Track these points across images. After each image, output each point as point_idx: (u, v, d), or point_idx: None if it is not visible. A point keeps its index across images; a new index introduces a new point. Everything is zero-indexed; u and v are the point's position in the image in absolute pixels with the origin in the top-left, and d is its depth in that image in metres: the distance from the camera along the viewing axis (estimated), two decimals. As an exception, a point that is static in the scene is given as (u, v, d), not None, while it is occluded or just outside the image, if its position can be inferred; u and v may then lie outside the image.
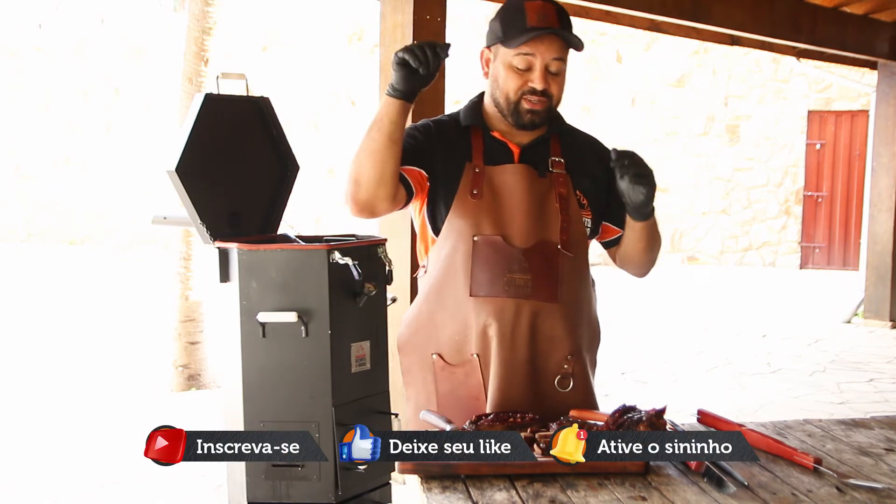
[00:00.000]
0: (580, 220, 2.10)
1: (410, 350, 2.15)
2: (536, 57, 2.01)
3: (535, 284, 2.02)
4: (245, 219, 3.43)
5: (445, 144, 2.10)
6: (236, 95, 3.43)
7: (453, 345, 2.06)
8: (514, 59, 2.02)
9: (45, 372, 6.70)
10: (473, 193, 2.04)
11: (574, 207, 2.09)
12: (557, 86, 2.05)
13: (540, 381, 2.05)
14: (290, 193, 3.66)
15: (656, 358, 7.06)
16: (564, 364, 2.07)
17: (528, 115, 2.04)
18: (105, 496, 4.12)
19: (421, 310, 2.13)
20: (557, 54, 2.02)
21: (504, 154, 2.09)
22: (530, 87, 2.02)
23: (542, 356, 2.05)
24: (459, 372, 2.06)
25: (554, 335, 2.05)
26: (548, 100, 2.04)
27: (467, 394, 2.05)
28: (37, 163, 16.10)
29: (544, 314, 2.04)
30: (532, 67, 2.02)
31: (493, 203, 2.04)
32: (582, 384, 2.10)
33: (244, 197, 3.48)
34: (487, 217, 2.03)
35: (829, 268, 12.41)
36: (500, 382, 2.01)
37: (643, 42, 12.90)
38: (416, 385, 2.14)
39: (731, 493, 1.66)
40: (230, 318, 3.11)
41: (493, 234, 2.02)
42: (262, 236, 3.41)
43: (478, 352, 2.03)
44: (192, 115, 3.18)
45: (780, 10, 6.77)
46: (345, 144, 14.11)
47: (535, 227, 2.04)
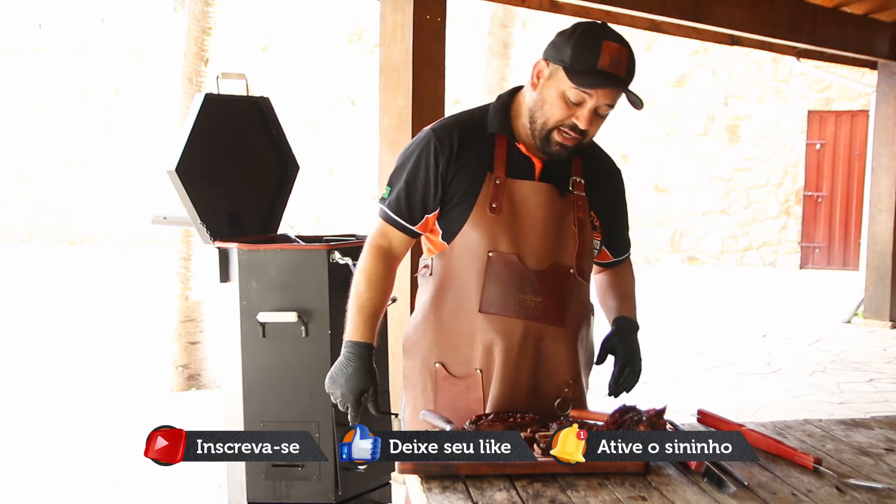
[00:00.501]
0: (592, 245, 2.10)
1: (414, 354, 2.13)
2: (592, 98, 1.95)
3: (545, 307, 2.01)
4: (245, 219, 3.43)
5: (466, 157, 2.03)
6: (236, 95, 3.42)
7: (457, 356, 2.05)
8: (570, 91, 1.94)
9: (46, 372, 6.70)
10: (492, 207, 1.99)
11: (589, 231, 2.07)
12: (597, 127, 2.01)
13: (539, 403, 2.05)
14: (290, 193, 3.67)
15: (656, 358, 7.06)
16: (565, 388, 2.07)
17: (556, 147, 1.98)
18: (105, 496, 4.12)
19: (428, 316, 2.09)
20: (612, 101, 1.97)
21: (526, 168, 2.04)
22: (572, 123, 1.96)
23: (544, 378, 2.05)
24: (461, 384, 2.05)
25: (557, 359, 2.05)
26: (581, 138, 1.99)
27: (465, 406, 2.04)
28: (37, 163, 16.11)
29: (549, 338, 2.04)
30: (583, 105, 1.95)
31: (512, 219, 2.01)
32: (580, 408, 2.10)
33: (244, 197, 3.48)
34: (504, 233, 2.00)
35: (829, 268, 12.41)
36: (500, 400, 2.01)
37: (643, 42, 12.89)
38: (416, 390, 2.12)
39: (731, 493, 1.66)
40: (230, 318, 3.11)
41: (508, 252, 2.00)
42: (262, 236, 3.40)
43: (481, 367, 2.03)
44: (192, 115, 3.18)
45: (780, 10, 6.76)
46: (345, 144, 14.12)
47: (550, 248, 2.02)
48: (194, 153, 3.15)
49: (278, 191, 3.62)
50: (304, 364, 3.01)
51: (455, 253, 2.03)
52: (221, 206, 3.29)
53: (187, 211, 3.17)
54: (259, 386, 3.07)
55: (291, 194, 3.65)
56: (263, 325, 3.05)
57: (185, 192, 3.10)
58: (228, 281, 3.12)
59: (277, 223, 3.60)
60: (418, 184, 2.03)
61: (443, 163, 2.01)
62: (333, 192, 14.24)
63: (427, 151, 2.03)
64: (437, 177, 2.01)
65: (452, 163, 2.01)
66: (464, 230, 2.01)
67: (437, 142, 2.03)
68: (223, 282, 3.13)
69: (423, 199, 2.03)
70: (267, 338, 3.06)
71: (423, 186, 2.02)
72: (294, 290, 3.04)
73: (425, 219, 2.05)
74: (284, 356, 3.05)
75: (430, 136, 2.04)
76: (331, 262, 3.02)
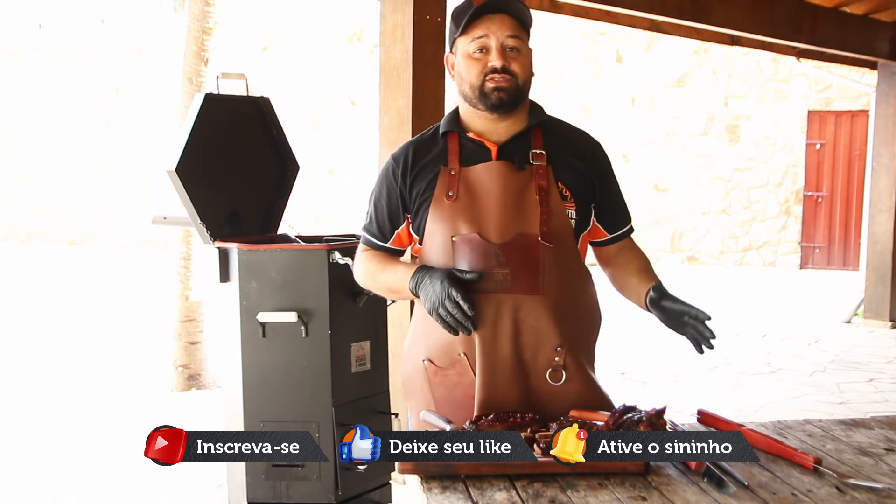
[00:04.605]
0: (562, 212, 2.07)
1: (406, 358, 2.17)
2: (490, 38, 2.04)
3: (515, 277, 2.01)
4: (245, 219, 3.43)
5: (421, 164, 2.12)
6: (236, 95, 3.42)
7: (440, 347, 2.06)
8: (470, 45, 2.06)
9: (46, 372, 6.70)
10: (449, 195, 2.05)
11: (555, 199, 2.06)
12: (519, 64, 2.05)
13: (529, 375, 2.04)
14: (290, 193, 3.67)
15: (656, 358, 7.06)
16: (555, 357, 2.04)
17: (494, 94, 2.04)
18: (105, 496, 4.12)
19: (415, 318, 2.16)
20: (511, 32, 2.05)
21: (481, 153, 2.09)
22: (491, 67, 2.04)
23: (530, 350, 2.03)
24: (451, 374, 2.06)
25: (539, 327, 2.03)
26: (512, 77, 2.04)
27: (463, 393, 2.04)
28: (37, 163, 16.11)
29: (527, 307, 2.02)
30: (488, 49, 2.04)
31: (469, 202, 2.05)
32: (578, 376, 2.06)
33: (244, 197, 3.47)
34: (464, 216, 2.04)
35: (829, 268, 12.41)
36: (485, 379, 2.01)
37: (643, 42, 12.90)
38: (416, 394, 2.14)
39: (731, 493, 1.66)
40: (230, 318, 3.11)
41: (469, 233, 2.03)
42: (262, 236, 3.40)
43: (464, 351, 2.03)
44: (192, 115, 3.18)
45: (780, 10, 6.77)
46: (345, 144, 14.12)
47: (512, 221, 2.03)
48: (194, 153, 3.15)
49: (278, 191, 3.62)
50: (304, 364, 3.01)
51: (425, 247, 2.10)
52: (221, 206, 3.30)
53: (187, 211, 3.17)
54: (259, 386, 3.07)
55: (291, 194, 3.65)
56: (263, 325, 3.05)
57: (185, 192, 3.10)
58: (228, 281, 3.12)
59: (277, 223, 3.60)
60: (382, 202, 2.17)
61: (399, 176, 2.14)
62: (333, 192, 14.24)
63: (387, 172, 2.17)
64: (397, 190, 2.14)
65: (409, 173, 2.13)
66: (427, 224, 2.08)
67: (393, 162, 2.17)
68: (223, 282, 3.13)
69: (390, 216, 2.16)
70: (267, 338, 3.06)
71: (388, 204, 2.16)
72: (294, 290, 3.04)
73: (396, 234, 2.17)
74: (284, 356, 3.04)
75: (389, 160, 2.19)
76: (331, 262, 3.02)
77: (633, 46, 13.03)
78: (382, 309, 3.32)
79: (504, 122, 2.10)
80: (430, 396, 2.09)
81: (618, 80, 13.14)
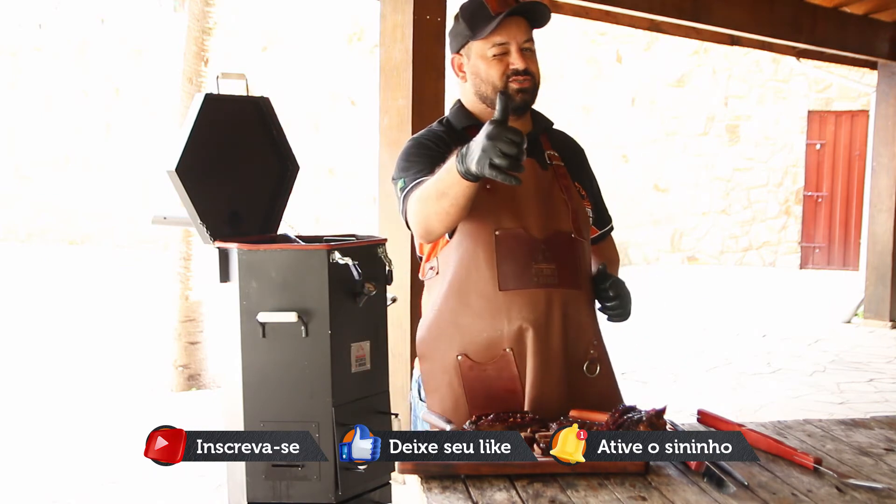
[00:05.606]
0: (584, 208, 2.16)
1: (431, 355, 2.10)
2: (510, 42, 2.07)
3: (560, 273, 2.05)
4: (245, 219, 3.43)
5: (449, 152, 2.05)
6: (236, 95, 3.42)
7: (481, 342, 2.03)
8: (490, 49, 2.07)
9: (46, 372, 6.70)
10: (486, 188, 2.01)
11: (577, 197, 2.16)
12: (535, 64, 2.11)
13: (571, 369, 2.07)
14: (290, 193, 3.66)
15: (656, 358, 7.06)
16: (591, 349, 2.10)
17: (519, 95, 2.08)
18: (105, 496, 4.12)
19: (441, 312, 2.09)
20: (527, 35, 2.10)
21: None
22: (513, 69, 2.07)
23: (573, 344, 2.07)
24: (490, 368, 2.03)
25: (581, 322, 2.08)
26: (531, 77, 2.09)
27: (502, 387, 2.02)
28: (37, 163, 16.10)
29: (572, 302, 2.07)
30: (508, 52, 2.07)
31: (508, 195, 2.04)
32: (606, 368, 2.13)
33: (244, 197, 3.47)
34: (505, 210, 2.04)
35: (829, 268, 12.41)
36: (538, 375, 2.00)
37: (643, 42, 12.89)
38: (441, 390, 2.08)
39: (731, 493, 1.66)
40: (230, 318, 3.11)
41: (514, 227, 2.04)
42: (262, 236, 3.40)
43: (511, 346, 2.02)
44: (192, 115, 3.18)
45: (780, 10, 6.77)
46: (345, 144, 14.12)
47: (548, 216, 2.08)
48: (194, 153, 3.14)
49: (278, 191, 3.62)
50: (304, 364, 3.00)
51: (461, 241, 2.06)
52: (221, 206, 3.29)
53: (187, 211, 3.17)
54: (259, 386, 3.07)
55: (291, 194, 3.65)
56: (263, 325, 3.04)
57: (185, 192, 3.09)
58: (228, 281, 3.11)
59: (277, 223, 3.60)
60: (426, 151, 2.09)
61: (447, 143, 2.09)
62: (333, 192, 14.24)
63: (427, 138, 2.13)
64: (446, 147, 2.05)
65: (452, 145, 2.03)
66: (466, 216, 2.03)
67: (441, 127, 2.16)
68: (223, 282, 3.13)
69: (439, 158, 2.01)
70: (267, 338, 3.06)
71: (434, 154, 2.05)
72: (294, 290, 3.04)
73: None
74: (284, 356, 3.04)
75: (433, 127, 2.17)
76: (331, 262, 3.01)
77: (633, 46, 13.03)
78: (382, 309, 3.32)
79: (517, 122, 2.10)
80: (460, 392, 2.05)
81: (618, 80, 13.13)
